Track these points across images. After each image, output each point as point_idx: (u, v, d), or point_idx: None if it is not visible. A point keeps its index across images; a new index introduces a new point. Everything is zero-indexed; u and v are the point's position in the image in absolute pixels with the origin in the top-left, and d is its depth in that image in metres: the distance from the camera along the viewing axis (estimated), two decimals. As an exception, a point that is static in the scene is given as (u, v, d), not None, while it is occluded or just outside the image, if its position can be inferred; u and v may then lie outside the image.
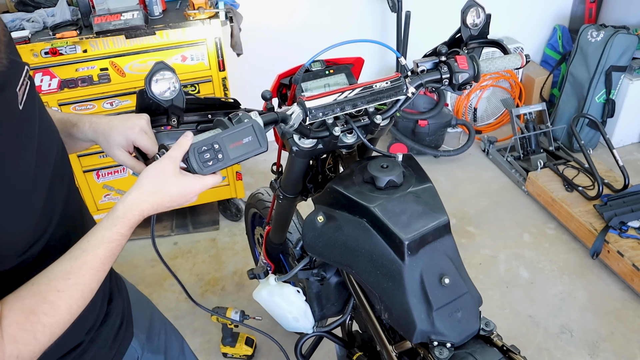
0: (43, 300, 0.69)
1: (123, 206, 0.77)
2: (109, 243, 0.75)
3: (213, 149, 0.82)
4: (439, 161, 3.09)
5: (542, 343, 2.01)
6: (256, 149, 0.85)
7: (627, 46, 2.78)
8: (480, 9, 1.05)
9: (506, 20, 3.24)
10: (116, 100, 2.18)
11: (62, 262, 0.73)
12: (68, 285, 0.71)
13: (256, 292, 1.46)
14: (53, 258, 0.75)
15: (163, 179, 0.79)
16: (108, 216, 0.77)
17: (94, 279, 0.74)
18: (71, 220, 0.85)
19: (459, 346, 0.94)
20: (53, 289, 0.70)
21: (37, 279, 0.71)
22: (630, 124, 3.07)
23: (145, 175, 0.80)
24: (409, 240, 0.91)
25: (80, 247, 0.75)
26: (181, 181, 0.80)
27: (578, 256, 2.39)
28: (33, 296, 0.69)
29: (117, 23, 2.01)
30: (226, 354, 1.99)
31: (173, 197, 0.81)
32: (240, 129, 0.84)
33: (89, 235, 0.76)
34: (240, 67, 2.65)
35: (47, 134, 0.79)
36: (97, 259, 0.74)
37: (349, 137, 1.00)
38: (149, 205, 0.79)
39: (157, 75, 0.87)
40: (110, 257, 0.76)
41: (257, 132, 0.85)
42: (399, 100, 1.00)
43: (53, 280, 0.71)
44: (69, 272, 0.72)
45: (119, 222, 0.77)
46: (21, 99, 0.72)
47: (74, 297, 0.72)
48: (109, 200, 2.44)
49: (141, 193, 0.78)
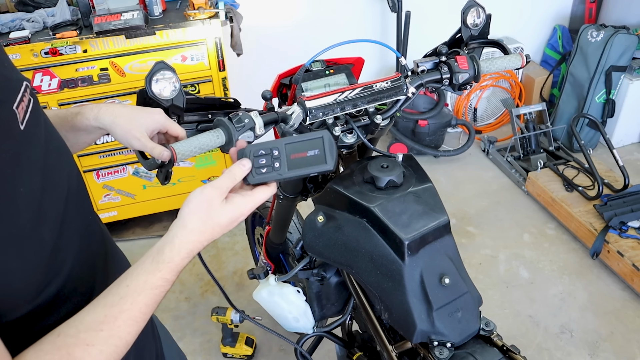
0: (67, 357, 0.58)
1: (170, 249, 0.68)
2: (151, 290, 0.66)
3: (271, 154, 0.74)
4: (439, 161, 3.09)
5: (542, 343, 2.01)
6: (320, 166, 0.74)
7: (627, 46, 2.78)
8: (480, 9, 1.05)
9: (506, 20, 3.24)
10: (116, 100, 2.18)
11: (95, 309, 0.63)
12: (100, 338, 0.61)
13: (256, 292, 1.46)
14: (73, 302, 0.66)
15: (211, 214, 0.70)
16: (151, 258, 0.68)
17: (131, 330, 0.64)
18: (92, 256, 0.75)
19: (459, 346, 0.94)
20: (81, 342, 0.60)
21: (64, 329, 0.61)
22: (630, 124, 3.07)
23: (189, 212, 0.70)
24: (409, 240, 0.91)
25: (116, 293, 0.65)
26: (230, 209, 0.71)
27: (578, 256, 2.39)
28: (56, 351, 0.58)
29: (117, 23, 2.01)
30: (226, 354, 1.99)
31: (224, 228, 0.72)
32: (308, 139, 0.75)
33: (128, 278, 0.66)
34: (240, 67, 2.65)
35: (57, 157, 0.69)
36: (137, 308, 0.64)
37: (349, 137, 1.00)
38: (199, 244, 0.70)
39: (157, 75, 0.87)
40: (152, 306, 0.66)
41: (326, 145, 0.74)
42: (399, 100, 1.00)
43: (82, 331, 0.61)
44: (102, 323, 0.62)
45: (164, 267, 0.67)
46: (22, 118, 0.62)
47: (105, 353, 0.61)
48: (109, 200, 2.44)
49: (188, 233, 0.69)
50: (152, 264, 0.67)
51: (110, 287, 0.66)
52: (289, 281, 1.44)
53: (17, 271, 0.57)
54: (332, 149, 0.75)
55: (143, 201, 2.50)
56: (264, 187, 0.75)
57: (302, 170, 0.75)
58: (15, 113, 0.61)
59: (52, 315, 0.64)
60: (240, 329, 1.98)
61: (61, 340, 0.60)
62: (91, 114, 0.84)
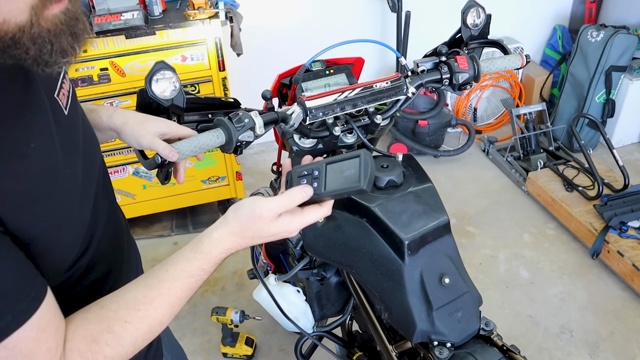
0: (107, 330, 0.63)
1: (209, 241, 0.71)
2: (187, 277, 0.69)
3: (312, 175, 0.74)
4: (439, 161, 3.09)
5: (542, 343, 2.01)
6: (353, 186, 0.70)
7: (627, 46, 2.78)
8: (480, 9, 1.05)
9: (506, 20, 3.24)
10: (116, 100, 2.18)
11: (136, 288, 0.67)
12: (136, 317, 0.65)
13: (256, 292, 1.46)
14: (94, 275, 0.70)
15: (255, 227, 0.71)
16: (191, 247, 0.71)
17: (165, 313, 0.67)
18: (114, 234, 0.80)
19: (459, 346, 0.94)
20: (120, 318, 0.64)
21: (107, 302, 0.66)
22: (630, 124, 3.07)
23: (234, 217, 0.72)
24: (409, 240, 0.91)
25: (156, 276, 0.68)
26: (277, 226, 0.72)
27: (578, 256, 2.39)
28: (99, 322, 0.63)
29: (117, 23, 2.01)
30: (226, 354, 1.99)
31: (264, 239, 0.73)
32: (346, 158, 0.73)
33: (168, 263, 0.70)
34: (240, 67, 2.65)
35: (91, 143, 0.75)
36: (173, 293, 0.67)
37: (349, 137, 1.00)
38: (238, 245, 0.72)
39: (157, 74, 0.87)
40: (187, 293, 0.69)
41: (362, 165, 0.71)
42: (399, 100, 1.00)
43: (122, 307, 0.65)
44: (140, 302, 0.66)
45: (201, 258, 0.70)
46: (65, 104, 0.67)
47: (141, 330, 0.65)
48: (109, 200, 2.44)
49: (229, 233, 0.71)
50: (190, 252, 0.70)
51: (152, 268, 0.70)
52: (289, 281, 1.44)
53: (66, 245, 0.64)
54: (368, 168, 0.71)
55: (143, 201, 2.50)
56: (317, 207, 0.74)
57: (337, 191, 0.72)
58: (58, 101, 0.66)
59: (77, 286, 0.68)
60: (240, 329, 1.98)
61: (103, 313, 0.64)
62: (105, 113, 0.87)
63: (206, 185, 2.55)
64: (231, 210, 0.73)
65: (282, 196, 0.72)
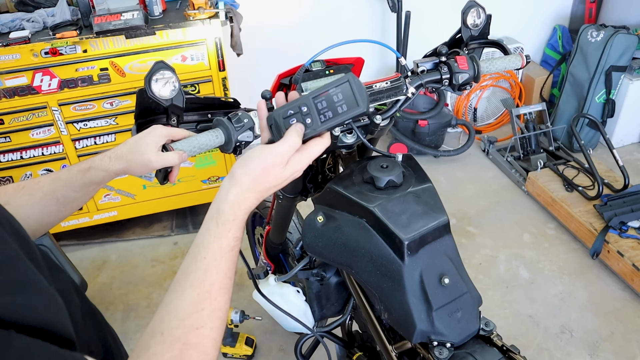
0: (185, 348, 0.58)
1: (230, 207, 0.67)
2: (228, 252, 0.66)
3: (300, 112, 0.73)
4: (439, 161, 3.09)
5: (542, 343, 2.01)
6: (353, 110, 0.71)
7: (627, 46, 2.78)
8: (480, 10, 1.05)
9: (506, 20, 3.25)
10: (116, 100, 2.19)
11: (184, 294, 0.62)
12: (205, 318, 0.61)
13: (256, 293, 1.46)
14: None
15: (274, 174, 0.69)
16: (215, 222, 0.66)
17: (225, 298, 0.64)
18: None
19: (459, 346, 0.94)
20: (190, 328, 0.59)
21: (162, 326, 0.60)
22: (630, 124, 3.07)
23: (244, 173, 0.69)
24: (408, 240, 0.91)
25: (198, 269, 0.64)
26: (290, 168, 0.70)
27: (578, 256, 2.39)
28: (170, 347, 0.57)
29: (117, 23, 2.01)
30: (226, 354, 1.99)
31: (279, 186, 0.72)
32: (333, 87, 0.73)
33: (201, 251, 0.65)
34: (240, 67, 2.65)
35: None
36: (223, 274, 0.64)
37: (348, 137, 1.00)
38: (256, 201, 0.70)
39: (156, 74, 0.87)
40: (233, 269, 0.66)
41: (354, 88, 0.71)
42: (399, 101, 1.00)
43: (185, 319, 0.60)
44: (200, 302, 0.61)
45: (232, 226, 0.66)
46: None
47: (216, 328, 0.62)
48: (109, 200, 2.44)
49: (244, 191, 0.68)
50: (218, 227, 0.66)
51: (183, 268, 0.65)
52: (289, 281, 1.44)
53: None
54: (361, 89, 0.71)
55: (143, 201, 2.50)
56: (318, 140, 0.73)
57: (335, 120, 0.72)
58: None
59: None
60: (240, 329, 1.98)
61: (168, 336, 0.59)
62: (102, 166, 0.83)
63: (206, 185, 2.55)
64: (238, 166, 0.69)
65: (283, 143, 0.70)
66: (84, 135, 2.23)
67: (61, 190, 0.82)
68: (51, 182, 0.82)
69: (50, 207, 0.82)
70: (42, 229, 0.83)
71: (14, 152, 2.21)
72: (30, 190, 0.81)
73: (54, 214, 0.83)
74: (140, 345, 0.59)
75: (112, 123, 2.23)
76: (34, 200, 0.81)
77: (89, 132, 2.23)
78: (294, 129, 0.72)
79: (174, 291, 0.63)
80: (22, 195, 0.80)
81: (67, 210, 0.84)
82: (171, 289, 0.64)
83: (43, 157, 2.26)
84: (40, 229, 0.82)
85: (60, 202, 0.83)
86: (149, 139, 0.83)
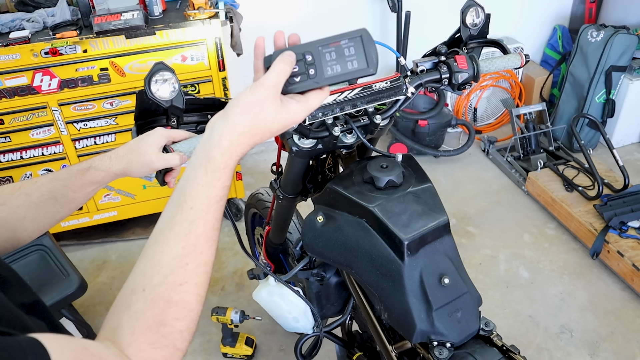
0: (167, 305, 0.56)
1: (222, 154, 0.61)
2: (217, 202, 0.61)
3: (304, 60, 0.66)
4: (439, 161, 3.09)
5: (542, 343, 2.01)
6: (361, 70, 0.66)
7: (627, 46, 2.78)
8: (479, 9, 1.05)
9: (506, 20, 3.24)
10: (116, 100, 2.19)
11: (167, 247, 0.58)
12: (189, 273, 0.58)
13: (256, 293, 1.46)
14: None
15: (263, 116, 0.63)
16: (203, 169, 0.61)
17: (211, 251, 0.61)
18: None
19: (459, 346, 0.94)
20: (173, 284, 0.56)
21: (145, 281, 0.57)
22: (630, 124, 3.07)
23: (239, 113, 0.63)
24: (408, 240, 0.91)
25: (183, 220, 0.59)
26: (285, 115, 0.65)
27: (578, 256, 2.39)
28: (153, 305, 0.55)
29: (117, 23, 2.01)
30: (226, 354, 1.99)
31: (274, 133, 0.66)
32: (345, 38, 0.66)
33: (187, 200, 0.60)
34: (240, 67, 2.64)
35: None
36: (210, 226, 0.60)
37: (348, 137, 1.00)
38: (248, 147, 0.64)
39: (156, 75, 0.87)
40: (220, 218, 0.62)
41: (366, 45, 0.66)
42: (399, 100, 1.00)
43: (169, 275, 0.57)
44: (184, 256, 0.58)
45: (222, 175, 0.61)
46: None
47: (200, 283, 0.59)
48: (108, 200, 2.44)
49: (239, 135, 0.62)
50: (207, 175, 0.61)
51: (167, 216, 0.61)
52: (289, 281, 1.44)
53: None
54: (372, 48, 0.66)
55: (143, 201, 2.50)
56: (317, 92, 0.69)
57: (341, 77, 0.66)
58: None
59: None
60: (240, 329, 1.98)
61: (150, 293, 0.56)
62: (102, 166, 0.84)
63: (206, 185, 2.55)
64: (232, 105, 0.64)
65: (271, 70, 0.65)
66: (84, 135, 2.23)
67: (60, 190, 0.82)
68: (49, 182, 0.83)
69: (47, 207, 0.82)
70: (39, 230, 0.83)
71: (14, 152, 2.22)
72: (27, 190, 0.81)
73: (51, 215, 0.83)
74: (122, 300, 0.57)
75: (112, 123, 2.23)
76: (31, 200, 0.81)
77: (89, 132, 2.23)
78: (280, 58, 0.66)
79: (156, 242, 0.60)
80: (19, 196, 0.80)
81: (64, 210, 0.84)
82: (153, 239, 0.60)
83: (43, 157, 2.26)
84: (37, 229, 0.82)
85: (59, 202, 0.83)
86: (150, 140, 0.84)
